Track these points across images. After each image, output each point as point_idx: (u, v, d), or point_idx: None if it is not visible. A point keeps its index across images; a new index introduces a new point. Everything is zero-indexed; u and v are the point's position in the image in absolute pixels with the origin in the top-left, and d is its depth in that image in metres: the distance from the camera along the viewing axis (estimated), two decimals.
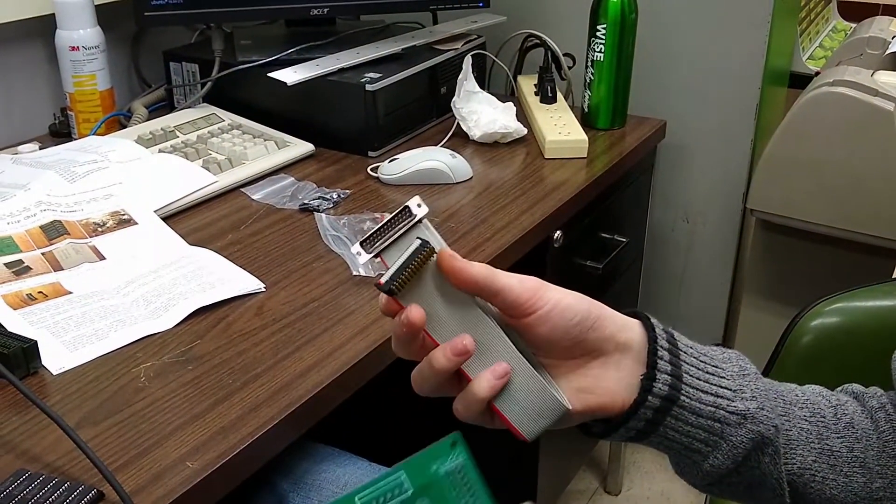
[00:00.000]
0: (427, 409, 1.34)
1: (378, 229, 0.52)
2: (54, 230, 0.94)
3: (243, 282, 0.89)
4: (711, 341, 1.67)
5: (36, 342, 0.75)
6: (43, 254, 0.91)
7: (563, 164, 1.25)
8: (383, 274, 0.51)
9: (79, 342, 0.79)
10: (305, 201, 1.09)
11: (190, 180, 1.08)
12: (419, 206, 0.52)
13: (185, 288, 0.87)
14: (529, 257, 1.09)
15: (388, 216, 0.53)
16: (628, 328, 0.55)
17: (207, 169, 1.11)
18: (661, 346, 0.55)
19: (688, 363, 0.56)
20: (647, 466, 1.87)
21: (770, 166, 1.38)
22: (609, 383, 0.55)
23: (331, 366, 0.77)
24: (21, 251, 0.90)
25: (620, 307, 0.58)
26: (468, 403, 0.53)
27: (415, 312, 0.51)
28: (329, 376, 0.76)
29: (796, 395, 0.59)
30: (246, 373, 0.76)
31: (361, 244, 0.52)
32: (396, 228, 0.52)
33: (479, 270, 0.51)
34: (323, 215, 1.04)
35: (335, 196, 1.10)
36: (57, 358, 0.76)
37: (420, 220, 0.52)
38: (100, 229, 0.96)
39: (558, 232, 1.15)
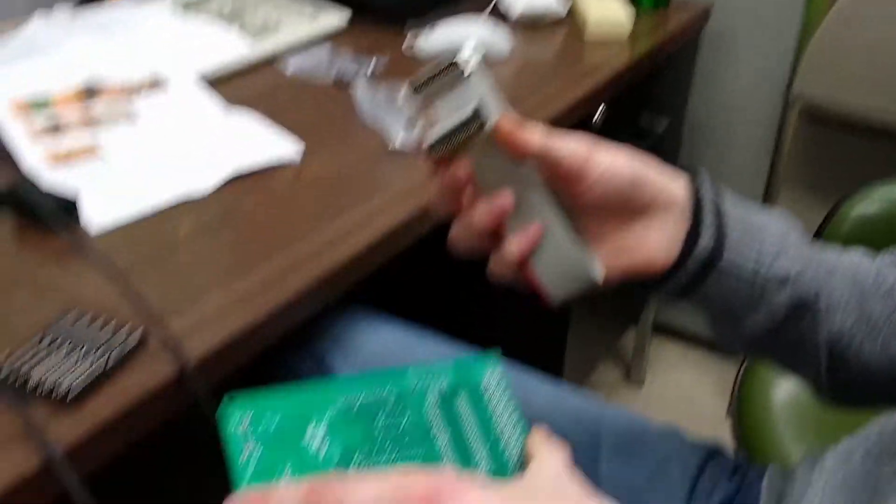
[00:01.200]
0: (464, 277, 1.34)
1: (428, 77, 0.51)
2: (91, 90, 0.93)
3: (280, 148, 0.88)
4: None
5: (75, 198, 0.74)
6: (80, 113, 0.90)
7: (604, 44, 1.22)
8: (429, 132, 0.50)
9: (117, 201, 0.78)
10: (341, 72, 1.06)
11: (225, 47, 1.06)
12: (472, 55, 0.50)
13: (222, 152, 0.86)
14: None
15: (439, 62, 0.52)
16: (675, 186, 0.55)
17: (243, 37, 1.09)
18: (706, 206, 0.54)
19: (732, 223, 0.55)
20: (672, 360, 1.88)
21: (820, 51, 1.34)
22: (651, 243, 0.54)
23: (369, 230, 0.77)
24: (58, 110, 0.89)
25: None
26: (500, 263, 0.53)
27: (461, 170, 0.50)
28: (368, 239, 0.75)
29: (838, 260, 0.59)
30: (286, 234, 0.75)
31: (410, 86, 0.51)
32: (447, 79, 0.50)
33: (537, 141, 0.50)
34: (359, 86, 1.02)
35: (372, 68, 1.08)
36: (96, 215, 0.76)
37: (471, 74, 0.50)
38: (136, 91, 0.95)
39: (599, 111, 1.13)
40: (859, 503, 0.53)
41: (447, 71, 0.50)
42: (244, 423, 0.46)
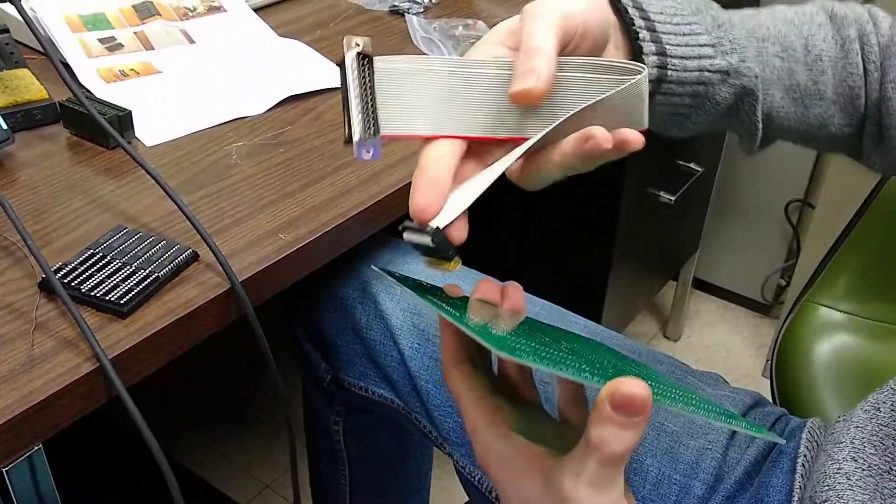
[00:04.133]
0: (508, 218, 1.33)
1: (345, 111, 0.44)
2: (146, 10, 0.93)
3: (333, 75, 0.87)
4: (794, 196, 1.61)
5: (130, 112, 0.75)
6: (135, 32, 0.90)
7: None
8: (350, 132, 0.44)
9: (170, 118, 0.79)
10: (395, 3, 1.05)
11: None
12: (357, 44, 0.44)
13: (275, 76, 0.86)
14: None
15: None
16: (602, 21, 0.49)
17: None
18: (640, 27, 0.51)
19: (666, 32, 0.52)
20: (710, 317, 1.87)
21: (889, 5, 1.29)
22: None
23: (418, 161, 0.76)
24: (113, 28, 0.89)
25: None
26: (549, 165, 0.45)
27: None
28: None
29: (767, 30, 0.57)
30: (336, 160, 0.75)
31: (350, 141, 0.44)
32: (350, 93, 0.44)
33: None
34: (414, 17, 1.00)
35: (426, 1, 1.06)
36: (150, 131, 0.77)
37: (369, 60, 0.44)
38: (190, 14, 0.95)
39: None
40: (892, 455, 0.53)
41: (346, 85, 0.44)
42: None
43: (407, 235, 0.44)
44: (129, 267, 0.59)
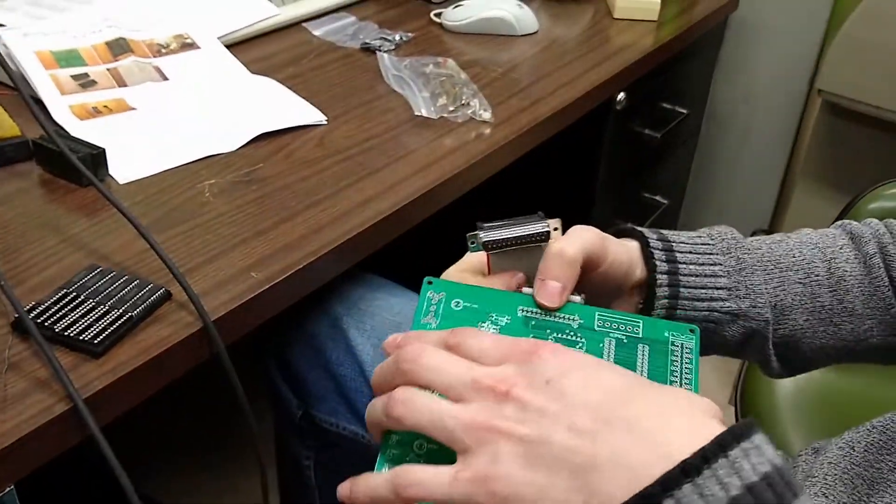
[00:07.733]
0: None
1: (510, 236, 0.54)
2: (119, 47, 0.93)
3: (306, 112, 0.89)
4: (758, 226, 1.66)
5: (104, 150, 0.75)
6: (108, 69, 0.91)
7: (631, 25, 1.22)
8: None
9: (144, 155, 0.79)
10: (367, 41, 1.07)
11: (253, 10, 1.07)
12: (554, 228, 0.54)
13: (248, 113, 0.87)
14: (590, 117, 1.07)
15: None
16: (633, 261, 0.58)
17: (271, 0, 1.09)
18: (660, 271, 0.57)
19: (686, 274, 0.58)
20: None
21: (845, 46, 1.33)
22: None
23: (391, 199, 0.77)
24: (87, 65, 0.90)
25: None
26: None
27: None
28: (390, 208, 0.76)
29: (792, 258, 0.61)
30: (308, 197, 0.76)
31: (483, 229, 0.54)
32: (524, 239, 0.54)
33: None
34: (385, 55, 1.02)
35: (397, 38, 1.08)
36: (123, 168, 0.77)
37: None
38: (163, 50, 0.96)
39: (622, 94, 1.13)
40: (859, 494, 0.54)
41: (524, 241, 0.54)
42: (436, 297, 0.51)
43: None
44: (102, 306, 0.59)
